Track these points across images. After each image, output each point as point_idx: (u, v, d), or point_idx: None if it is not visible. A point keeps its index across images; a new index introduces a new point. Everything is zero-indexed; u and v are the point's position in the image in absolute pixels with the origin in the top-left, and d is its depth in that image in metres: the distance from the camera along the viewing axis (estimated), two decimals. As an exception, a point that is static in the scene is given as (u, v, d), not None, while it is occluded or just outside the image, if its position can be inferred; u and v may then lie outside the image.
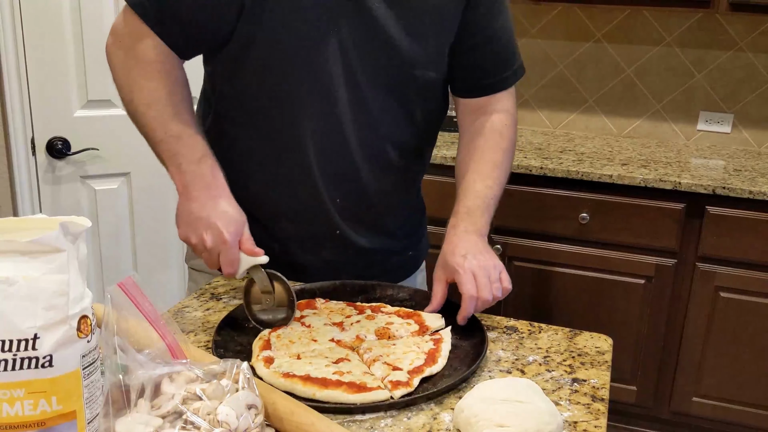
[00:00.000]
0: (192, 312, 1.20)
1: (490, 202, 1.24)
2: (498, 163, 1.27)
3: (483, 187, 1.24)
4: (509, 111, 1.32)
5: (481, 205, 1.22)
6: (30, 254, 0.67)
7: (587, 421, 0.92)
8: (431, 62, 1.22)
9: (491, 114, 1.30)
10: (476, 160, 1.27)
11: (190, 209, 1.11)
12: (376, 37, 1.15)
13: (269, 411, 0.81)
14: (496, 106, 1.31)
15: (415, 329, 1.12)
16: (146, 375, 0.74)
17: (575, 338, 1.16)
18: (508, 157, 1.30)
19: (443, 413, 0.93)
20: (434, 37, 1.21)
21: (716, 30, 2.72)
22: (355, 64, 1.16)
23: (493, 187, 1.25)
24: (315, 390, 0.92)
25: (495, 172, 1.26)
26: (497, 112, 1.30)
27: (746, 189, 2.22)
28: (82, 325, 0.69)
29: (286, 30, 1.12)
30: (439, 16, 1.19)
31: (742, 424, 2.45)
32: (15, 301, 0.66)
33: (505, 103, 1.31)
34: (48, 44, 2.14)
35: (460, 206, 1.23)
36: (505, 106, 1.31)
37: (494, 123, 1.30)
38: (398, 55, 1.18)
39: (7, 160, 2.16)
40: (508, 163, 1.30)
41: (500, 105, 1.31)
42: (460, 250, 1.17)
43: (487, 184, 1.24)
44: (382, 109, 1.22)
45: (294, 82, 1.16)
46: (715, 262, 2.33)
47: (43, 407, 0.68)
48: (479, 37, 1.25)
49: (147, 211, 2.42)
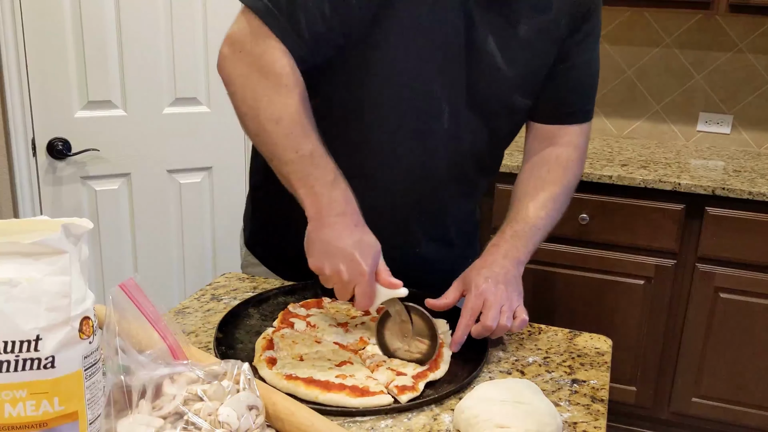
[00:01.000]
0: (192, 313, 1.21)
1: (537, 233, 1.21)
2: (555, 197, 1.24)
3: (535, 217, 1.22)
4: (579, 147, 1.29)
5: (527, 233, 1.20)
6: (32, 256, 0.67)
7: (587, 422, 0.93)
8: (529, 91, 1.23)
9: (560, 145, 1.28)
10: (535, 188, 1.25)
11: (326, 238, 1.00)
12: (482, 65, 1.16)
13: (269, 411, 0.81)
14: (566, 138, 1.28)
15: None
16: (147, 376, 0.75)
17: (575, 339, 1.17)
18: (566, 194, 1.27)
19: (443, 414, 0.93)
20: (535, 65, 1.21)
21: (716, 31, 2.72)
22: (458, 89, 1.17)
23: (544, 219, 1.22)
24: (318, 393, 0.92)
25: (550, 204, 1.24)
26: (566, 145, 1.28)
27: (746, 190, 2.22)
28: (84, 327, 0.70)
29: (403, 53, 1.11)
30: (541, 45, 1.19)
31: (742, 425, 2.46)
32: (17, 303, 0.66)
33: (576, 137, 1.28)
34: (48, 45, 2.14)
35: (508, 228, 1.21)
36: (576, 141, 1.28)
37: (560, 156, 1.27)
38: (501, 84, 1.19)
39: (7, 161, 2.16)
40: (564, 199, 1.27)
41: (571, 138, 1.28)
42: (486, 272, 1.13)
43: (539, 214, 1.22)
44: (473, 131, 1.22)
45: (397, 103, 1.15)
46: (715, 263, 2.34)
47: (45, 408, 0.68)
48: (568, 66, 1.24)
49: (147, 212, 2.43)
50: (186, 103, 2.38)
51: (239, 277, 1.36)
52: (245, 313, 1.16)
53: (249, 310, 1.18)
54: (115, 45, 2.22)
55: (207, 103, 2.42)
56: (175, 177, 2.44)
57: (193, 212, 2.51)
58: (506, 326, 1.08)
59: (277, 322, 1.13)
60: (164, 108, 2.35)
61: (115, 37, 2.21)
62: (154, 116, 2.34)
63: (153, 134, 2.35)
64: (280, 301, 1.22)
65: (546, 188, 1.25)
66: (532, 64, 1.20)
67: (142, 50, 2.26)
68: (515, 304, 1.11)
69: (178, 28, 2.30)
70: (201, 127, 2.43)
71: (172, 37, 2.29)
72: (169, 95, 2.34)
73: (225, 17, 2.36)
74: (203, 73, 2.38)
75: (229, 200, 2.56)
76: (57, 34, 2.14)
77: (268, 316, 1.17)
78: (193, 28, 2.32)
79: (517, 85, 1.20)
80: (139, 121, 2.32)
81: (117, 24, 2.20)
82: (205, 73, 2.38)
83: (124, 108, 2.29)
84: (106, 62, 2.22)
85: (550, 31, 1.19)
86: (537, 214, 1.22)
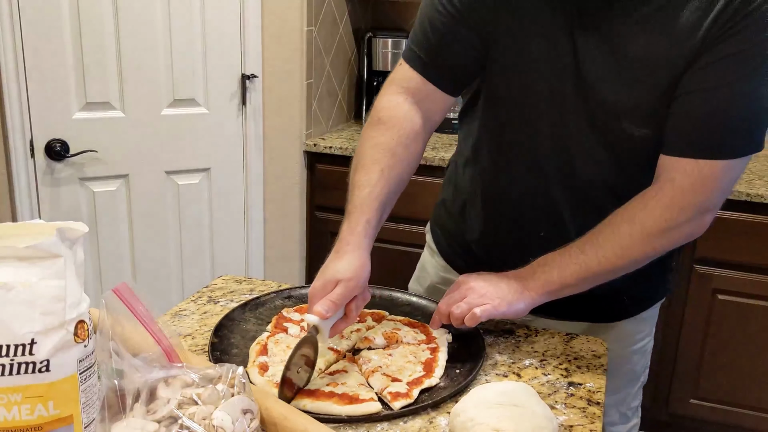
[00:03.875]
0: (189, 315, 1.21)
1: (576, 268, 1.07)
2: (618, 239, 1.07)
3: (580, 251, 1.08)
4: (682, 188, 1.04)
5: (560, 264, 1.08)
6: (28, 260, 0.67)
7: (583, 425, 0.93)
8: (640, 116, 1.07)
9: (660, 183, 1.06)
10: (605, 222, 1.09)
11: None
12: (585, 84, 1.07)
13: (263, 416, 0.81)
14: (672, 175, 1.04)
15: (423, 338, 1.12)
16: (142, 379, 0.75)
17: (571, 342, 1.17)
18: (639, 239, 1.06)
19: (439, 417, 0.93)
20: (646, 87, 1.05)
21: (714, 33, 2.72)
22: (565, 108, 1.11)
23: (591, 259, 1.07)
24: (306, 401, 0.92)
25: (607, 244, 1.07)
26: (665, 184, 1.05)
27: (743, 192, 2.22)
28: (79, 330, 0.70)
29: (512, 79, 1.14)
30: (654, 66, 1.03)
31: (740, 426, 2.46)
32: (12, 307, 0.66)
33: (685, 178, 1.03)
34: (47, 46, 2.14)
35: (544, 255, 1.11)
36: (682, 182, 1.03)
37: (650, 195, 1.06)
38: (604, 105, 1.08)
39: (5, 162, 2.16)
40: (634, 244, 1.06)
41: (678, 177, 1.04)
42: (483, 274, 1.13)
43: (586, 250, 1.08)
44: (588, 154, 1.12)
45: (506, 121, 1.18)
46: (713, 265, 2.34)
47: (40, 412, 0.68)
48: (687, 94, 1.02)
49: (146, 213, 2.43)
50: (184, 105, 2.38)
51: (236, 280, 1.36)
52: (241, 318, 1.16)
53: (245, 314, 1.17)
54: (113, 46, 2.22)
55: (205, 104, 2.42)
56: (174, 178, 2.44)
57: (192, 214, 2.51)
58: (455, 314, 1.07)
59: (271, 327, 1.13)
60: (162, 109, 2.35)
61: (113, 39, 2.21)
62: (153, 118, 2.34)
63: (151, 135, 2.35)
64: (277, 305, 1.21)
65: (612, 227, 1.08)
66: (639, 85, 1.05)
67: (140, 52, 2.26)
68: (478, 301, 1.07)
69: (177, 29, 2.30)
70: (199, 129, 2.43)
71: (170, 39, 2.29)
72: (167, 97, 2.34)
73: (223, 18, 2.37)
74: (201, 75, 2.38)
75: (227, 202, 2.56)
76: (55, 36, 2.14)
77: (264, 321, 1.17)
78: (191, 29, 2.32)
79: (622, 109, 1.07)
80: (137, 122, 2.32)
81: (115, 25, 2.20)
82: (204, 74, 2.38)
83: (122, 109, 2.29)
84: (104, 64, 2.22)
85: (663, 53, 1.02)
86: (583, 251, 1.08)
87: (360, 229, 1.04)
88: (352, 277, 1.00)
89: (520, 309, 1.09)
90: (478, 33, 1.12)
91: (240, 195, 2.59)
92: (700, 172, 1.03)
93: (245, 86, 2.46)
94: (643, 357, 1.35)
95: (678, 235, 1.07)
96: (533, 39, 1.09)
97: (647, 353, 1.36)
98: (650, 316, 1.34)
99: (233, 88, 2.45)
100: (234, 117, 2.49)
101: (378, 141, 1.13)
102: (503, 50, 1.12)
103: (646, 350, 1.35)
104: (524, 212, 1.22)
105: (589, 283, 1.09)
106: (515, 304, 1.09)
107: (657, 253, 1.08)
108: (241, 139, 2.53)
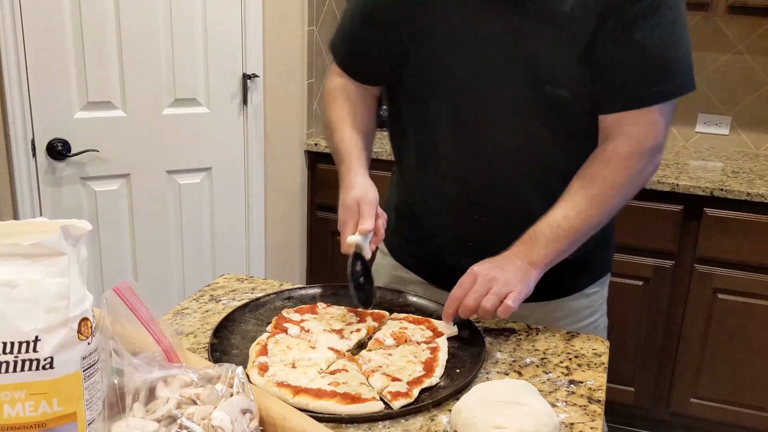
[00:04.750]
0: (191, 314, 1.21)
1: (562, 233, 1.13)
2: (590, 195, 1.14)
3: (561, 216, 1.14)
4: (636, 138, 1.14)
5: (549, 235, 1.13)
6: (32, 257, 0.68)
7: (583, 423, 0.93)
8: (561, 79, 1.14)
9: (613, 139, 1.15)
10: (574, 187, 1.16)
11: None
12: (516, 52, 1.14)
13: (262, 416, 0.80)
14: (623, 129, 1.14)
15: (429, 335, 1.12)
16: (141, 379, 0.75)
17: (572, 340, 1.17)
18: (608, 189, 1.15)
19: (441, 415, 0.93)
20: (567, 51, 1.12)
21: (715, 32, 2.73)
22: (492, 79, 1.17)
23: (573, 219, 1.14)
24: (308, 400, 0.92)
25: (583, 203, 1.14)
26: (618, 138, 1.14)
27: (744, 191, 2.23)
28: (82, 328, 0.70)
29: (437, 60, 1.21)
30: (571, 29, 1.11)
31: (740, 426, 2.46)
32: (17, 304, 0.66)
33: (634, 128, 1.13)
34: (48, 45, 2.14)
35: (530, 229, 1.15)
36: (633, 132, 1.13)
37: (608, 150, 1.15)
38: (532, 71, 1.14)
39: (7, 162, 2.16)
40: (606, 196, 1.15)
41: (628, 129, 1.14)
42: (489, 260, 1.13)
43: (567, 214, 1.14)
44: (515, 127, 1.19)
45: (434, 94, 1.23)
46: (713, 264, 2.34)
47: (44, 408, 0.68)
48: (611, 51, 1.11)
49: (147, 213, 2.43)
50: (185, 104, 2.39)
51: (238, 278, 1.36)
52: (241, 318, 1.16)
53: (245, 315, 1.17)
54: (114, 46, 2.22)
55: (206, 103, 2.42)
56: (175, 178, 2.44)
57: (193, 213, 2.51)
58: (487, 308, 1.07)
59: (271, 327, 1.13)
60: (164, 109, 2.35)
61: (114, 38, 2.22)
62: (154, 117, 2.34)
63: (152, 135, 2.36)
64: (277, 306, 1.21)
65: (584, 187, 1.16)
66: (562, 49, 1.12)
67: (141, 51, 2.26)
68: (504, 290, 1.09)
69: (178, 29, 2.30)
70: (200, 128, 2.43)
71: (171, 38, 2.30)
72: (168, 96, 2.35)
73: (224, 18, 2.37)
74: (202, 74, 2.38)
75: (228, 201, 2.56)
76: (57, 35, 2.15)
77: (264, 321, 1.16)
78: (192, 29, 2.32)
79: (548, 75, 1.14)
80: (138, 121, 2.32)
81: (117, 25, 2.21)
82: (205, 74, 2.38)
83: (123, 109, 2.29)
84: (105, 63, 2.23)
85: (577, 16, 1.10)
86: (565, 214, 1.14)
87: (356, 165, 1.21)
88: (371, 196, 1.15)
89: (532, 287, 1.13)
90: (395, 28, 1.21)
91: (241, 194, 2.59)
92: (647, 119, 1.14)
93: (246, 86, 2.46)
94: (596, 333, 1.39)
95: (641, 179, 1.19)
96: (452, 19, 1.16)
97: (600, 330, 1.40)
98: (596, 293, 1.37)
99: (234, 88, 2.46)
100: (235, 116, 2.49)
101: (340, 106, 1.31)
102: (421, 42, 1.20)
103: (599, 326, 1.40)
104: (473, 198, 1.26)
105: (578, 243, 1.17)
106: (529, 283, 1.13)
107: (627, 200, 1.19)
108: (242, 138, 2.53)
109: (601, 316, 1.40)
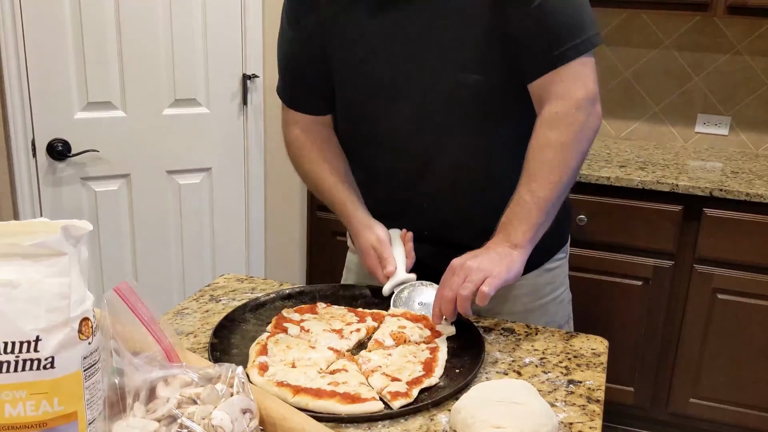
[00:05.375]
0: (191, 314, 1.21)
1: (533, 207, 1.15)
2: (545, 161, 1.16)
3: (525, 191, 1.16)
4: (566, 94, 1.16)
5: (520, 213, 1.15)
6: (32, 257, 0.68)
7: (582, 422, 0.93)
8: (470, 64, 1.18)
9: (546, 102, 1.17)
10: (527, 160, 1.17)
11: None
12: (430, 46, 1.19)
13: (262, 415, 0.81)
14: (551, 90, 1.17)
15: (428, 334, 1.12)
16: (141, 378, 0.75)
17: (571, 340, 1.17)
18: (560, 151, 1.16)
19: (440, 414, 0.93)
20: (470, 35, 1.17)
21: (714, 33, 2.73)
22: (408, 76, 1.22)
23: (537, 191, 1.15)
24: (308, 400, 0.92)
25: (541, 172, 1.16)
26: (551, 101, 1.17)
27: (743, 191, 2.23)
28: (83, 327, 0.70)
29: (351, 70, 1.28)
30: (467, 12, 1.16)
31: (740, 426, 2.46)
32: (18, 304, 0.67)
33: (561, 86, 1.16)
34: (48, 46, 2.15)
35: (502, 216, 1.17)
36: (561, 90, 1.16)
37: (546, 115, 1.17)
38: (442, 61, 1.19)
39: (7, 162, 2.17)
40: (560, 158, 1.16)
41: (556, 89, 1.16)
42: (468, 253, 1.14)
43: (530, 188, 1.15)
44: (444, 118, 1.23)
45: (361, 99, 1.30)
46: (713, 264, 2.34)
47: (45, 408, 0.68)
48: (516, 23, 1.15)
49: (147, 213, 2.43)
50: (185, 105, 2.39)
51: (238, 278, 1.37)
52: (241, 318, 1.16)
53: (245, 315, 1.18)
54: (114, 46, 2.23)
55: (206, 104, 2.42)
56: (175, 178, 2.45)
57: (193, 213, 2.51)
58: (464, 296, 1.07)
59: (271, 327, 1.13)
60: (164, 109, 2.36)
61: (114, 39, 2.22)
62: (154, 117, 2.35)
63: (152, 135, 2.36)
64: (277, 306, 1.21)
65: (531, 158, 1.17)
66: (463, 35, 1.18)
67: (141, 51, 2.27)
68: (479, 276, 1.08)
69: (178, 29, 2.30)
70: (200, 128, 2.44)
71: (171, 39, 2.30)
72: (168, 96, 2.35)
73: (224, 19, 2.38)
74: (202, 75, 2.39)
75: (228, 201, 2.57)
76: (57, 36, 2.15)
77: (264, 321, 1.17)
78: (192, 29, 2.33)
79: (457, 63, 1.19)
80: (138, 122, 2.32)
81: (117, 25, 2.21)
82: (205, 74, 2.39)
83: (123, 109, 2.29)
84: (105, 63, 2.23)
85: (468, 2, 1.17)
86: (528, 188, 1.16)
87: (353, 210, 1.31)
88: (382, 236, 1.27)
89: (518, 269, 1.14)
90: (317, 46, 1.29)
91: (241, 194, 2.60)
92: (570, 74, 1.16)
93: (246, 86, 2.47)
94: (561, 307, 1.41)
95: (589, 131, 1.19)
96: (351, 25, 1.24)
97: (565, 304, 1.42)
98: (557, 268, 1.39)
99: (234, 88, 2.46)
100: (235, 117, 2.49)
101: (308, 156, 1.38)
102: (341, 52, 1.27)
103: (563, 300, 1.41)
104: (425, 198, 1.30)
105: (553, 211, 1.19)
106: (513, 266, 1.13)
107: (584, 155, 1.20)
108: (242, 138, 2.54)
109: (564, 291, 1.42)
